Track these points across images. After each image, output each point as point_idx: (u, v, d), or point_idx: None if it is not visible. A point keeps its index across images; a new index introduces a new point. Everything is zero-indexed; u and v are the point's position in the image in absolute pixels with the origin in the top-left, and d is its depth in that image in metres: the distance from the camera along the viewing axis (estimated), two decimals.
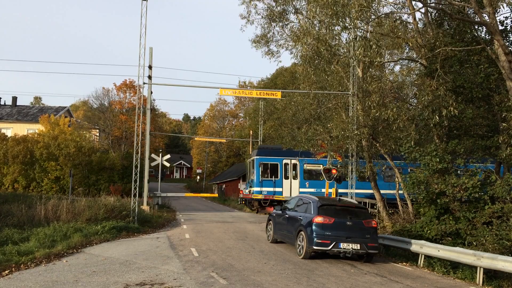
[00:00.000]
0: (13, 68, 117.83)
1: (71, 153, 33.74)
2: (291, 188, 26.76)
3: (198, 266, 10.82)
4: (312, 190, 25.78)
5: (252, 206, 28.24)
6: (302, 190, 26.26)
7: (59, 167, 33.97)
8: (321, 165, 25.02)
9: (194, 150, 69.09)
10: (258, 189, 26.51)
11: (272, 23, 25.63)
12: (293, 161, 27.17)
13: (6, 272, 9.89)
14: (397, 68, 26.65)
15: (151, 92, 22.59)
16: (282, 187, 26.64)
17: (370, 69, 20.65)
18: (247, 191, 28.77)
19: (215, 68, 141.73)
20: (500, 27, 15.37)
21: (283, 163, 27.09)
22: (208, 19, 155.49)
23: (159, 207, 26.02)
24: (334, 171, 21.17)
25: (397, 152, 19.15)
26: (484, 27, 15.96)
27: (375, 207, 21.66)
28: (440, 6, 17.21)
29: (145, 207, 21.85)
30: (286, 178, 26.94)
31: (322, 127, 21.30)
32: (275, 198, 26.19)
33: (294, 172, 27.10)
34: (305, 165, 27.13)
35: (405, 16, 18.91)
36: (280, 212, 15.09)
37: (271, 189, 26.52)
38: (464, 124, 17.44)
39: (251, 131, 45.27)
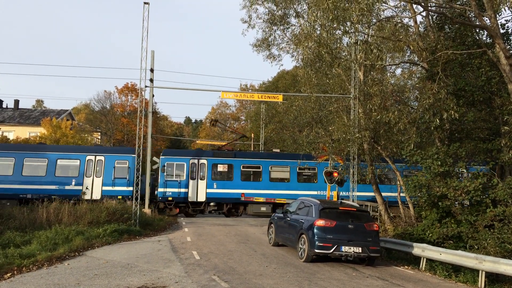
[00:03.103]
0: (15, 71, 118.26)
1: None
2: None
3: (199, 269, 10.83)
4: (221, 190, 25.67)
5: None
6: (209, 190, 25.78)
7: None
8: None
9: None
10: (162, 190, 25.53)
11: (273, 27, 25.76)
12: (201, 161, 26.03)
13: (8, 275, 9.92)
14: (399, 71, 26.73)
15: (153, 95, 22.67)
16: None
17: (372, 72, 20.68)
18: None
19: (216, 71, 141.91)
20: (501, 31, 15.41)
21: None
22: (209, 22, 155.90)
23: (160, 210, 26.04)
24: (335, 174, 21.18)
25: (399, 155, 19.17)
26: (485, 31, 16.00)
27: (376, 210, 21.67)
28: (441, 9, 17.27)
29: (146, 210, 21.86)
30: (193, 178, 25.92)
31: (323, 130, 21.33)
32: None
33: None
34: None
35: (406, 20, 18.97)
36: (281, 215, 15.09)
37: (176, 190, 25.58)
38: (465, 127, 17.47)
39: (252, 134, 45.30)
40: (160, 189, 25.27)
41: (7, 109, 48.37)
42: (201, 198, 25.58)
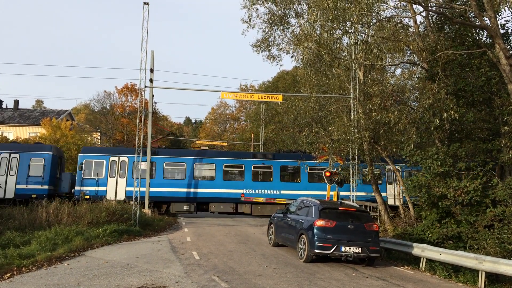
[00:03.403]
0: (15, 71, 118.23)
1: (73, 156, 33.79)
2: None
3: (199, 269, 10.82)
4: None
5: None
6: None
7: None
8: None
9: None
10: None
11: (273, 27, 25.74)
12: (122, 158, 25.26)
13: (8, 275, 9.91)
14: (398, 71, 26.70)
15: (153, 96, 22.66)
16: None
17: (372, 73, 20.67)
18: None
19: (216, 72, 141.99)
20: (501, 31, 15.41)
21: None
22: (209, 22, 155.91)
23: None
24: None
25: (399, 155, 19.17)
26: (485, 31, 16.00)
27: (376, 210, 21.68)
28: (441, 10, 17.27)
29: (146, 210, 21.86)
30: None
31: (323, 130, 21.33)
32: None
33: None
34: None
35: (406, 20, 18.98)
36: (281, 215, 15.09)
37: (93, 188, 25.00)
38: (465, 127, 17.47)
39: (252, 135, 45.29)
40: (77, 187, 24.65)
41: (7, 109, 48.37)
42: (121, 196, 24.62)
